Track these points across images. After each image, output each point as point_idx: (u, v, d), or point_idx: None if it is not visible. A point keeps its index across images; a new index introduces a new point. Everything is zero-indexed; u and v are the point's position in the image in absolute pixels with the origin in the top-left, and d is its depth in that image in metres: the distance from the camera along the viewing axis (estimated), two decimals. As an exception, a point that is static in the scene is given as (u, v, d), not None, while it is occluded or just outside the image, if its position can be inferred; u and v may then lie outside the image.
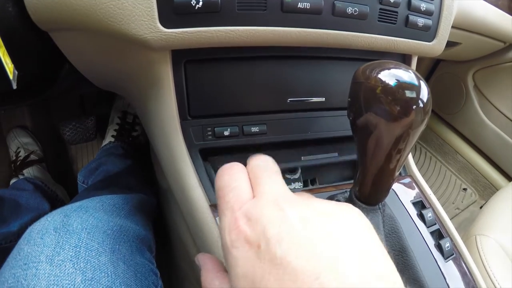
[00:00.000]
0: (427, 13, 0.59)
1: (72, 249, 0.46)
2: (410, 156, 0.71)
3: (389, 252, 0.48)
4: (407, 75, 0.37)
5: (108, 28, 0.41)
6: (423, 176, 1.75)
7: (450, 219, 0.68)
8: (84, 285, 0.42)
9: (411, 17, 0.57)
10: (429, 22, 0.59)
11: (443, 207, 1.67)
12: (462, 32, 1.10)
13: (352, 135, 0.43)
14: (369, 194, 0.46)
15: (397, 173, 0.43)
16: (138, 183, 0.97)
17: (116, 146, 1.21)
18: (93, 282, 0.43)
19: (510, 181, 1.53)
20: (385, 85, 0.36)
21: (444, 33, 0.63)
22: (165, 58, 0.48)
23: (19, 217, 0.99)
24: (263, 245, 0.24)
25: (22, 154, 1.30)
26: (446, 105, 1.76)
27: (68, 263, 0.43)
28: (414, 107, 0.36)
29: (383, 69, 0.37)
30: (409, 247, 0.51)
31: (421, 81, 0.37)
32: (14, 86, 0.47)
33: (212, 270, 0.32)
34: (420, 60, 1.76)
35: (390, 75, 0.37)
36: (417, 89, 0.36)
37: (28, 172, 1.25)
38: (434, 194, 1.51)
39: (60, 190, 1.30)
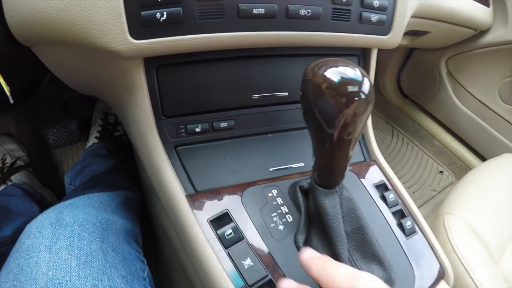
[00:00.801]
0: (381, 9, 0.63)
1: (67, 239, 0.51)
2: (374, 142, 0.76)
3: (349, 230, 0.54)
4: (352, 72, 0.42)
5: (84, 42, 0.46)
6: (400, 160, 1.80)
7: (427, 201, 0.72)
8: (79, 268, 0.48)
9: (365, 14, 0.61)
10: (383, 17, 0.64)
11: (420, 189, 1.73)
12: (430, 22, 1.12)
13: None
14: (325, 179, 0.51)
15: (349, 158, 0.48)
16: (123, 181, 1.01)
17: (100, 146, 1.24)
18: (86, 265, 0.49)
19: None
20: (330, 82, 0.41)
21: (399, 27, 0.67)
22: (137, 65, 0.52)
23: (10, 221, 1.02)
24: None
25: (9, 160, 1.33)
26: (421, 92, 1.82)
27: (64, 251, 0.49)
28: (356, 98, 0.41)
29: (330, 67, 0.42)
30: (367, 226, 0.56)
31: (364, 77, 0.42)
32: (11, 101, 0.52)
33: None
34: (393, 50, 1.81)
35: (335, 73, 0.41)
36: (359, 83, 0.41)
37: (16, 178, 1.28)
38: (411, 178, 1.56)
39: (48, 193, 1.33)
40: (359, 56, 0.74)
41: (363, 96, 0.41)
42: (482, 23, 1.34)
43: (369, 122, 0.76)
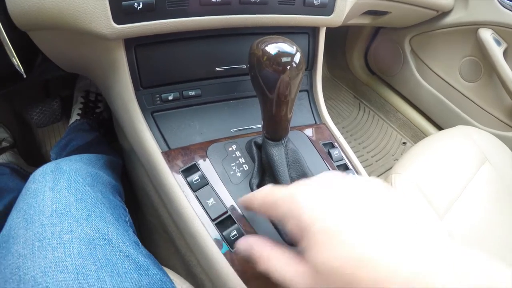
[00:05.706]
0: None
1: (66, 181, 0.63)
2: (324, 108, 0.87)
3: (295, 176, 0.67)
4: (286, 47, 0.53)
5: (75, 27, 0.57)
6: (365, 132, 1.95)
7: (389, 169, 0.80)
8: (76, 203, 0.60)
9: None
10: (325, 0, 0.75)
11: (383, 158, 1.88)
12: (388, 3, 1.24)
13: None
14: (271, 133, 0.63)
15: (289, 115, 0.59)
16: (106, 149, 1.13)
17: (83, 122, 1.34)
18: (82, 201, 0.61)
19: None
20: (269, 54, 0.52)
21: (341, 8, 0.78)
22: (119, 45, 0.64)
23: (1, 198, 1.09)
24: None
25: (-6, 142, 1.39)
26: (387, 68, 1.94)
27: (64, 190, 0.61)
28: (288, 67, 0.52)
29: (270, 43, 0.53)
30: (309, 172, 0.67)
31: (297, 51, 0.53)
32: (25, 75, 0.64)
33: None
34: (361, 28, 1.94)
35: (274, 47, 0.53)
36: (292, 55, 0.53)
37: (2, 158, 1.35)
38: (375, 148, 1.69)
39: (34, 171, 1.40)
40: (309, 33, 0.85)
41: (294, 65, 0.52)
42: (444, 5, 1.46)
43: (319, 90, 0.88)
